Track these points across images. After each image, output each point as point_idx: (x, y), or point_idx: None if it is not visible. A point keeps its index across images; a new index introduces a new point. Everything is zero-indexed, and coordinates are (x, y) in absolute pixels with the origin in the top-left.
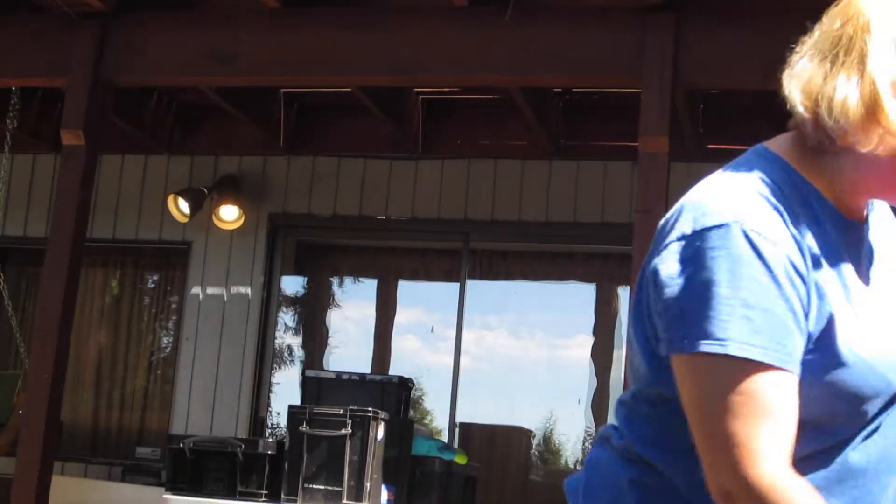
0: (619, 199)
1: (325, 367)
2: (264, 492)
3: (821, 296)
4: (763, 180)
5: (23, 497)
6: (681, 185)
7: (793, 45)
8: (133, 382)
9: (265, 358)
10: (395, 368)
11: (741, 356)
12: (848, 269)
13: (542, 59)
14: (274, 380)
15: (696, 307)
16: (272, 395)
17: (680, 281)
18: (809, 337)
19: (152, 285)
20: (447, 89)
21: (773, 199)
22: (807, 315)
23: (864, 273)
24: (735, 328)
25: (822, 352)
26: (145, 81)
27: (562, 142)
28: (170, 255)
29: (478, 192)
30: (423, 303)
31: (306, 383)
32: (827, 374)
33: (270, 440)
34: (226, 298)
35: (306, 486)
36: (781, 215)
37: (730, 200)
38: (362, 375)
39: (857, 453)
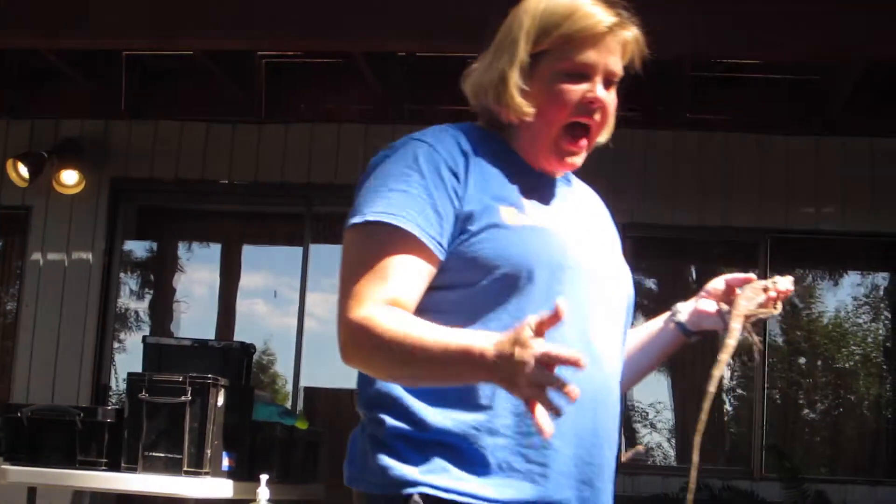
0: None
1: (172, 333)
2: (104, 460)
3: (487, 192)
4: (459, 126)
5: None
6: None
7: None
8: None
9: (107, 325)
10: (241, 333)
11: (373, 220)
12: (528, 191)
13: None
14: (118, 347)
15: (360, 196)
16: (116, 363)
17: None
18: (470, 215)
19: None
20: (291, 53)
21: (456, 132)
22: (459, 199)
23: (544, 200)
24: (376, 205)
25: (485, 222)
26: None
27: (405, 106)
28: (9, 221)
29: (320, 156)
30: (267, 267)
31: (147, 350)
32: (492, 238)
33: (110, 408)
34: (66, 264)
35: (146, 454)
36: (459, 141)
37: (420, 131)
38: (203, 342)
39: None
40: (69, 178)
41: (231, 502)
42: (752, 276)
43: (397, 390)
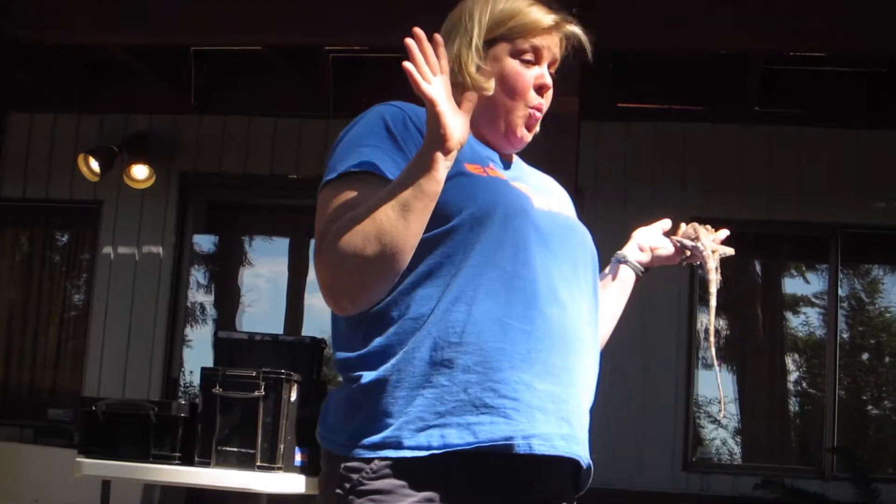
0: None
1: (239, 327)
2: (178, 454)
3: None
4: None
5: None
6: (592, 143)
7: None
8: (45, 343)
9: (177, 318)
10: (309, 327)
11: (345, 171)
12: (487, 158)
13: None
14: (187, 340)
15: (330, 162)
16: (185, 356)
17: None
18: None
19: (63, 245)
20: (358, 48)
21: (417, 104)
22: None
23: (502, 166)
24: (349, 161)
25: (453, 171)
26: (53, 40)
27: None
28: (81, 215)
29: None
30: None
31: (219, 344)
32: (459, 185)
33: (183, 402)
34: (137, 258)
35: (219, 448)
36: (421, 107)
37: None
38: (274, 336)
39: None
40: (139, 172)
41: (303, 497)
42: (667, 220)
43: (369, 342)
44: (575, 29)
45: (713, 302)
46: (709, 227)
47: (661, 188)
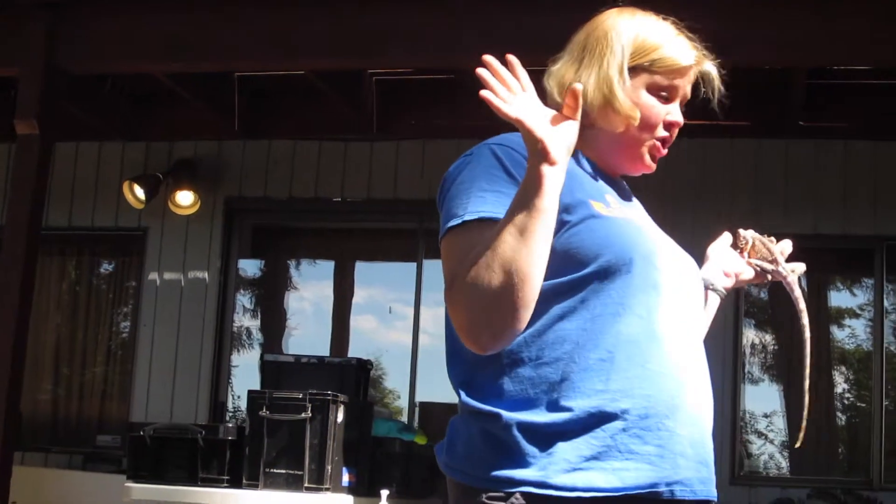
0: None
1: (285, 350)
2: (226, 477)
3: (575, 187)
4: None
5: None
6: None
7: None
8: (92, 370)
9: (223, 342)
10: (354, 349)
11: (471, 219)
12: (609, 191)
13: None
14: (233, 364)
15: (447, 204)
16: (232, 379)
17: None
18: (567, 207)
19: (109, 272)
20: (401, 70)
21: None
22: None
23: (619, 199)
24: (471, 205)
25: (583, 213)
26: (98, 69)
27: None
28: (126, 242)
29: (434, 172)
30: (380, 283)
31: (265, 367)
32: (593, 228)
33: (231, 426)
34: (183, 284)
35: (267, 470)
36: None
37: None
38: (321, 358)
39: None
40: (184, 198)
41: None
42: (728, 234)
43: (509, 387)
44: (711, 68)
45: (805, 321)
46: (771, 237)
47: (710, 202)
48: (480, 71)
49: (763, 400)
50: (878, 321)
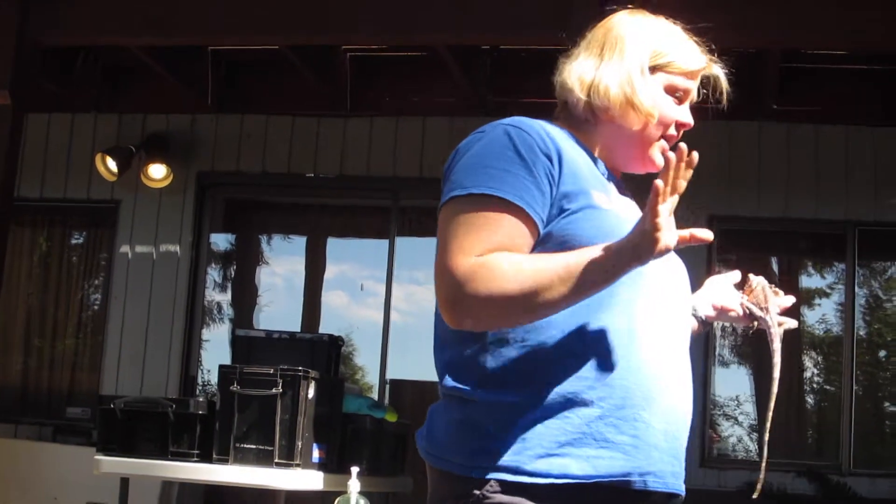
0: None
1: (256, 325)
2: (196, 451)
3: (578, 175)
4: (545, 121)
5: None
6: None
7: None
8: (62, 342)
9: (195, 317)
10: (325, 325)
11: (478, 192)
12: (611, 186)
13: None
14: (204, 338)
15: (455, 175)
16: (203, 354)
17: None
18: (567, 194)
19: (81, 244)
20: (375, 47)
21: (539, 121)
22: (555, 179)
23: (618, 194)
24: (479, 180)
25: (583, 202)
26: (71, 41)
27: (490, 99)
28: (98, 214)
29: (406, 149)
30: (352, 259)
31: (236, 342)
32: (591, 217)
33: (201, 400)
34: (155, 257)
35: (238, 445)
36: (545, 128)
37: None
38: (292, 334)
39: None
40: (157, 171)
41: (321, 494)
42: (738, 273)
43: (492, 366)
44: (719, 71)
45: (775, 387)
46: (778, 290)
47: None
48: (670, 156)
49: (733, 384)
50: (848, 305)
